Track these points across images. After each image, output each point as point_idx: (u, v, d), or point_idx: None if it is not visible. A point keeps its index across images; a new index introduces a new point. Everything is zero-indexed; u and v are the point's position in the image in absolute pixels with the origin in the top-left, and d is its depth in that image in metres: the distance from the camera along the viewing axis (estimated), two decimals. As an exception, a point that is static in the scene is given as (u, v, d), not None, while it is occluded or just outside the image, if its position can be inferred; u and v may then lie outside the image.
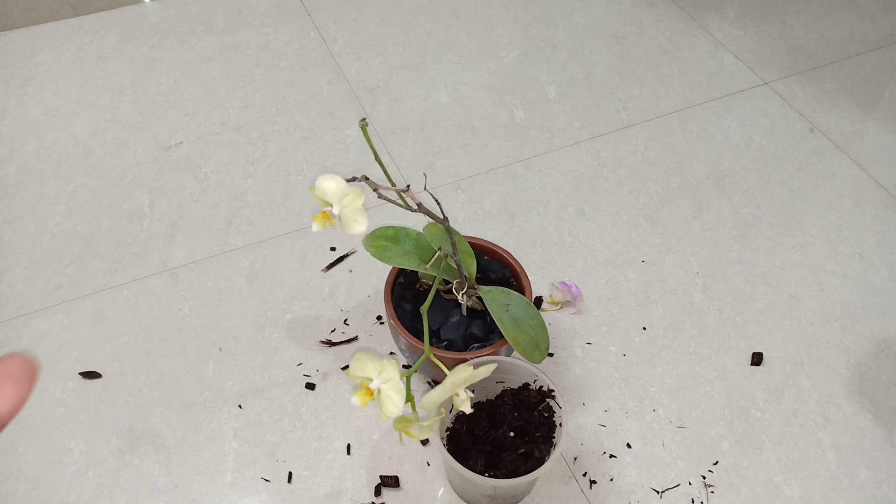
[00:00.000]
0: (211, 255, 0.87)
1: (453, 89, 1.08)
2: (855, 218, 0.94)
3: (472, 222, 0.91)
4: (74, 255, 0.86)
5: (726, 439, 0.73)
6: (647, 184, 0.97)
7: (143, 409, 0.74)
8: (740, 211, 0.94)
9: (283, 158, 0.98)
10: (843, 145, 1.02)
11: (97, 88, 1.06)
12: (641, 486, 0.70)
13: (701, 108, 1.07)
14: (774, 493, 0.70)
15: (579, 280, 0.86)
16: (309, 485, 0.69)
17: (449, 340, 0.69)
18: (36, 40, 1.14)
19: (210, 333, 0.80)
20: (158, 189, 0.94)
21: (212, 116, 1.03)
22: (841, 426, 0.75)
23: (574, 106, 1.07)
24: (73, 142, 0.99)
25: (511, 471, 0.62)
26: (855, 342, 0.82)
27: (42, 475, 0.69)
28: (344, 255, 0.87)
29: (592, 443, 0.72)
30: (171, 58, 1.11)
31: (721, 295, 0.85)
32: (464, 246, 0.69)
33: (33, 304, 0.82)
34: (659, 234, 0.91)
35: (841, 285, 0.87)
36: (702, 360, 0.79)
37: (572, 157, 0.99)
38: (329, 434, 0.72)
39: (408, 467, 0.70)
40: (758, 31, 1.20)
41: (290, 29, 1.17)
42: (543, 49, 1.15)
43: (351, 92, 1.07)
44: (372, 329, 0.80)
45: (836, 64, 1.15)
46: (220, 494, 0.68)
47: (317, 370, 0.77)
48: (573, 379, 0.77)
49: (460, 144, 1.00)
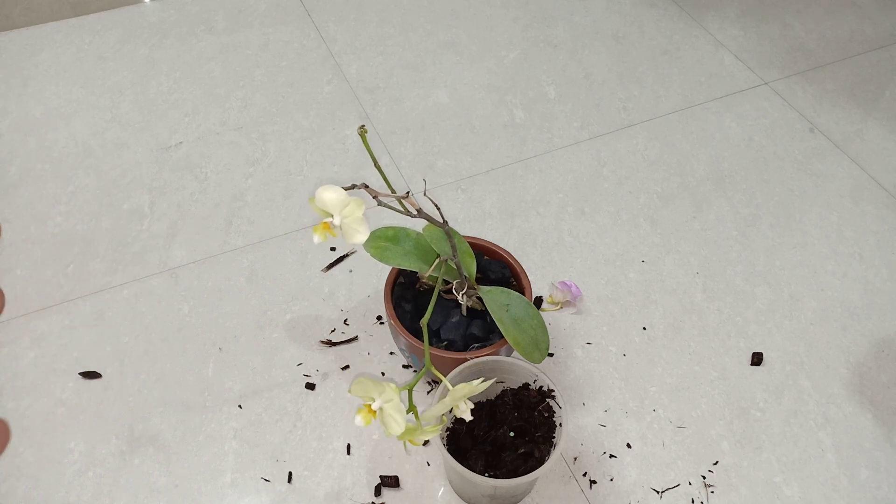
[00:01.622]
0: (211, 255, 0.87)
1: (453, 89, 1.08)
2: (855, 218, 0.94)
3: (472, 222, 0.91)
4: (74, 255, 0.86)
5: (726, 439, 0.73)
6: (647, 184, 0.97)
7: (143, 409, 0.74)
8: (740, 211, 0.94)
9: (283, 158, 0.98)
10: (843, 145, 1.02)
11: (97, 88, 1.06)
12: (641, 486, 0.70)
13: (701, 108, 1.07)
14: (774, 493, 0.70)
15: (579, 280, 0.86)
16: (309, 485, 0.69)
17: (449, 340, 0.69)
18: (36, 40, 1.14)
19: (210, 333, 0.80)
20: (158, 189, 0.94)
21: (212, 116, 1.03)
22: (841, 426, 0.75)
23: (574, 106, 1.07)
24: (73, 142, 0.99)
25: (511, 471, 0.62)
26: (855, 342, 0.82)
27: (42, 475, 0.69)
28: (344, 255, 0.87)
29: (592, 443, 0.72)
30: (171, 58, 1.11)
31: (721, 295, 0.85)
32: (464, 246, 0.69)
33: (33, 304, 0.82)
34: (659, 234, 0.91)
35: (841, 285, 0.87)
36: (702, 360, 0.79)
37: (572, 157, 0.99)
38: (329, 434, 0.72)
39: (408, 467, 0.70)
40: (758, 31, 1.20)
41: (290, 29, 1.17)
42: (543, 49, 1.15)
43: (351, 92, 1.07)
44: (372, 329, 0.80)
45: (836, 64, 1.15)
46: (220, 494, 0.68)
47: (317, 370, 0.77)
48: (573, 379, 0.77)
49: (460, 144, 1.00)
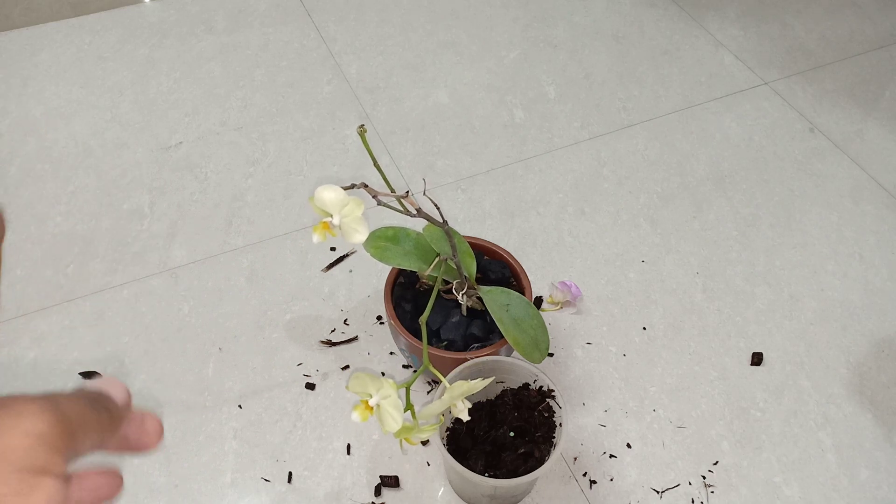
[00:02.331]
0: (211, 255, 0.87)
1: (453, 89, 1.08)
2: (855, 218, 0.94)
3: (472, 222, 0.91)
4: (74, 255, 0.86)
5: (726, 439, 0.73)
6: (647, 184, 0.97)
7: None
8: (740, 211, 0.94)
9: (283, 158, 0.98)
10: (843, 145, 1.02)
11: (97, 88, 1.06)
12: (641, 486, 0.70)
13: (701, 108, 1.07)
14: (774, 493, 0.70)
15: (579, 280, 0.86)
16: (309, 485, 0.69)
17: (449, 340, 0.69)
18: (36, 40, 1.14)
19: (210, 333, 0.80)
20: (158, 189, 0.94)
21: (212, 116, 1.03)
22: (841, 426, 0.75)
23: (574, 106, 1.07)
24: (73, 142, 0.99)
25: (511, 471, 0.62)
26: (855, 342, 0.81)
27: (42, 475, 0.69)
28: (344, 255, 0.87)
29: (592, 443, 0.72)
30: (171, 58, 1.11)
31: (721, 295, 0.85)
32: (464, 246, 0.69)
33: (33, 304, 0.82)
34: (659, 234, 0.91)
35: (841, 285, 0.87)
36: (702, 360, 0.79)
37: (572, 157, 0.99)
38: (329, 434, 0.72)
39: (408, 467, 0.70)
40: (758, 31, 1.20)
41: (290, 29, 1.17)
42: (543, 49, 1.15)
43: (351, 92, 1.07)
44: (372, 329, 0.80)
45: (836, 64, 1.15)
46: (220, 494, 0.68)
47: (317, 370, 0.77)
48: (573, 379, 0.77)
49: (460, 144, 1.00)
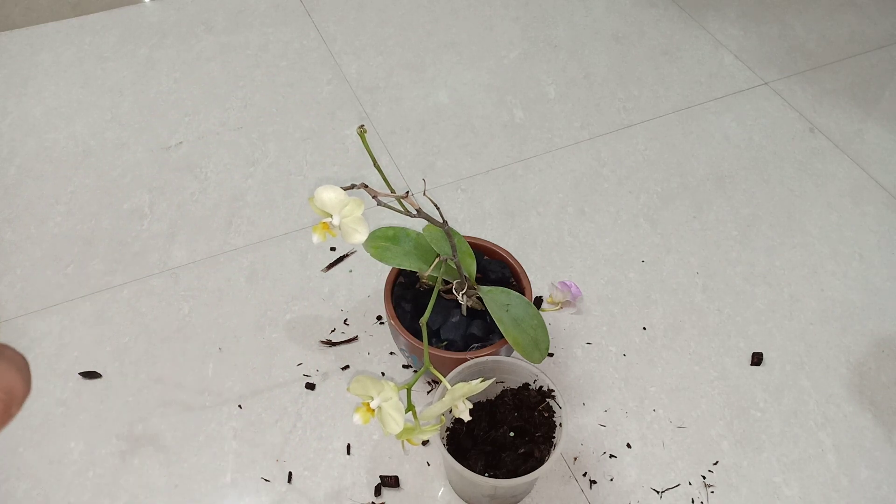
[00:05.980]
0: (211, 255, 0.87)
1: (453, 89, 1.08)
2: (855, 218, 0.94)
3: (472, 222, 0.91)
4: (74, 255, 0.86)
5: (726, 439, 0.73)
6: (647, 184, 0.96)
7: (143, 409, 0.74)
8: (740, 211, 0.94)
9: (283, 158, 0.98)
10: (843, 145, 1.02)
11: (97, 88, 1.06)
12: (641, 486, 0.70)
13: (701, 108, 1.07)
14: (774, 493, 0.70)
15: (579, 280, 0.86)
16: (309, 485, 0.69)
17: (449, 340, 0.69)
18: (36, 40, 1.14)
19: (210, 333, 0.80)
20: (158, 189, 0.94)
21: (212, 116, 1.03)
22: (841, 426, 0.75)
23: (574, 106, 1.07)
24: (73, 142, 0.99)
25: (511, 471, 0.62)
26: (855, 342, 0.81)
27: (42, 475, 0.69)
28: (344, 255, 0.87)
29: (592, 443, 0.72)
30: (171, 58, 1.11)
31: (721, 295, 0.85)
32: (464, 246, 0.69)
33: (33, 304, 0.82)
34: (659, 234, 0.91)
35: (841, 285, 0.87)
36: (702, 360, 0.79)
37: (572, 157, 0.99)
38: (329, 434, 0.72)
39: (408, 467, 0.70)
40: (758, 31, 1.20)
41: (290, 29, 1.17)
42: (543, 49, 1.15)
43: (351, 92, 1.07)
44: (372, 329, 0.80)
45: (836, 64, 1.15)
46: (220, 494, 0.68)
47: (317, 370, 0.77)
48: (573, 379, 0.77)
49: (460, 144, 1.00)
